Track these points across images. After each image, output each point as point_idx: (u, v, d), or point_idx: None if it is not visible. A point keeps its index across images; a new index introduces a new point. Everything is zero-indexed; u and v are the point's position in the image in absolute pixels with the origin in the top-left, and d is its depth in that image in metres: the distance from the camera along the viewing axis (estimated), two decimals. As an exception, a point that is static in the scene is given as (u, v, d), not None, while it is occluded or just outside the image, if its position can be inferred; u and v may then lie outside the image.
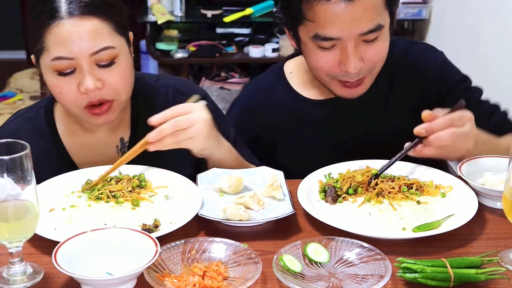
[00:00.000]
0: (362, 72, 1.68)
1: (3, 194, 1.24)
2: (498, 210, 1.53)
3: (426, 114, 1.57)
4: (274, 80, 1.92)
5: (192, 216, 1.45)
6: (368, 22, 1.61)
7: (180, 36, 4.61)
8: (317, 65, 1.70)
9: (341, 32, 1.61)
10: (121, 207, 1.53)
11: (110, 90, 1.59)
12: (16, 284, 1.28)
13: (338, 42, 1.64)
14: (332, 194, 1.56)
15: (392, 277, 1.27)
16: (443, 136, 1.55)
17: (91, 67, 1.56)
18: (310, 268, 1.31)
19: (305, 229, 1.48)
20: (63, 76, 1.57)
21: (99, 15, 1.55)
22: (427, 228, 1.43)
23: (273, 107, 1.88)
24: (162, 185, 1.61)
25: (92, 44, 1.54)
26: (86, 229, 1.38)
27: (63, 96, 1.60)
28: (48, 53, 1.55)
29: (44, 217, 1.45)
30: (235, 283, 1.26)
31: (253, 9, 4.41)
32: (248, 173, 1.64)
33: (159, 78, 1.85)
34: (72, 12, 1.53)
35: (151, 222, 1.44)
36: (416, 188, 1.58)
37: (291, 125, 1.87)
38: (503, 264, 1.34)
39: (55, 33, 1.53)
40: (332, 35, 1.62)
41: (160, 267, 1.29)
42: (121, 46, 1.59)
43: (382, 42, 1.67)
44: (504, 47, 3.14)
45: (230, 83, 4.57)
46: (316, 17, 1.61)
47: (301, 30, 1.68)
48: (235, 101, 1.99)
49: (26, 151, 1.24)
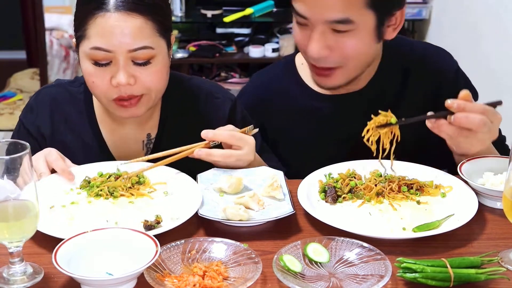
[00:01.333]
0: (329, 61, 1.68)
1: (3, 195, 1.24)
2: (498, 210, 1.53)
3: (465, 93, 1.52)
4: (284, 71, 1.90)
5: (193, 211, 1.46)
6: (337, 12, 1.61)
7: (180, 36, 4.61)
8: (296, 40, 1.73)
9: (309, 12, 1.62)
10: (121, 204, 1.53)
11: (141, 88, 1.61)
12: (16, 284, 1.28)
13: (308, 22, 1.64)
14: (332, 194, 1.56)
15: (392, 277, 1.27)
16: (471, 118, 1.50)
17: (126, 63, 1.58)
18: (310, 268, 1.31)
19: (305, 229, 1.48)
20: (98, 67, 1.59)
21: (145, 14, 1.57)
22: (427, 228, 1.43)
23: (281, 97, 1.87)
24: (160, 181, 1.62)
25: (132, 41, 1.56)
26: (87, 226, 1.40)
27: (95, 85, 1.62)
28: (89, 41, 1.57)
29: (45, 214, 1.44)
30: (235, 283, 1.26)
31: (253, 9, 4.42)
32: (248, 173, 1.64)
33: (192, 79, 1.86)
34: (119, 6, 1.55)
35: (153, 218, 1.45)
36: (416, 188, 1.58)
37: (298, 117, 1.86)
38: (503, 264, 1.34)
39: (99, 23, 1.56)
40: (302, 12, 1.64)
41: (160, 267, 1.29)
42: (160, 47, 1.61)
43: (355, 38, 1.65)
44: (504, 47, 3.14)
45: (230, 83, 4.57)
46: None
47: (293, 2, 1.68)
48: (243, 89, 1.98)
49: (26, 151, 1.24)
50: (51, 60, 4.97)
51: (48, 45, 4.87)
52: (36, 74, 5.36)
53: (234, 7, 4.47)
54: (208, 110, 1.80)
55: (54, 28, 4.84)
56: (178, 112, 1.78)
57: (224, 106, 1.81)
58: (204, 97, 1.81)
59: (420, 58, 1.85)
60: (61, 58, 4.96)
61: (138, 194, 1.57)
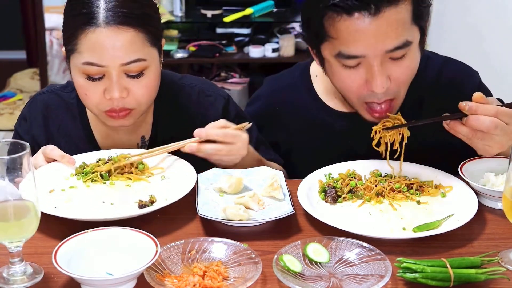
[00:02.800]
0: (389, 93, 1.58)
1: (2, 197, 1.24)
2: (498, 211, 1.53)
3: (478, 95, 1.50)
4: (298, 81, 1.86)
5: (186, 192, 1.51)
6: (394, 39, 1.52)
7: (180, 36, 4.61)
8: (343, 86, 1.61)
9: (366, 50, 1.52)
10: (118, 187, 1.58)
11: (133, 100, 1.61)
12: (16, 284, 1.28)
13: (363, 60, 1.54)
14: (332, 194, 1.56)
15: (392, 277, 1.27)
16: (482, 120, 1.48)
17: (119, 76, 1.58)
18: (310, 268, 1.31)
19: (305, 229, 1.48)
20: (91, 81, 1.59)
21: (135, 26, 1.56)
22: (427, 228, 1.43)
23: (294, 108, 1.83)
24: (159, 167, 1.66)
25: (124, 55, 1.56)
26: (84, 207, 1.48)
27: (88, 97, 1.62)
28: (80, 56, 1.57)
29: (44, 197, 1.51)
30: (235, 283, 1.26)
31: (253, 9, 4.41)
32: (248, 173, 1.64)
33: (183, 78, 1.86)
34: (109, 20, 1.54)
35: (147, 198, 1.50)
36: (416, 188, 1.58)
37: (309, 131, 1.82)
38: (503, 264, 1.34)
39: (89, 38, 1.55)
40: (356, 52, 1.53)
41: (160, 267, 1.29)
42: (152, 57, 1.61)
43: (410, 59, 1.57)
44: (504, 47, 3.14)
45: (230, 83, 4.57)
46: (339, 33, 1.53)
47: (324, 48, 1.59)
48: (256, 95, 1.94)
49: (26, 151, 1.24)
50: (51, 60, 4.97)
51: (48, 45, 4.88)
52: (36, 74, 5.36)
53: (234, 7, 4.47)
54: (200, 108, 1.79)
55: (54, 28, 4.84)
56: (171, 112, 1.78)
57: (216, 104, 1.80)
58: (196, 96, 1.80)
59: (437, 75, 1.78)
60: (61, 58, 4.95)
61: (136, 178, 1.61)
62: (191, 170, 1.61)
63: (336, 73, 1.60)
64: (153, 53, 1.61)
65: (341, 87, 1.63)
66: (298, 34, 4.48)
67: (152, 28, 1.60)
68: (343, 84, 1.61)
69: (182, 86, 1.82)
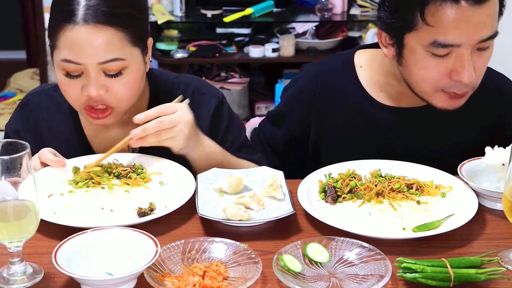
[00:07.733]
0: (471, 84, 1.59)
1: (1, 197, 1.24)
2: (498, 211, 1.53)
3: None
4: (340, 68, 1.81)
5: (186, 199, 1.50)
6: (489, 28, 1.54)
7: (180, 36, 4.60)
8: (425, 75, 1.58)
9: (463, 38, 1.52)
10: (117, 193, 1.58)
11: (112, 98, 1.60)
12: (16, 284, 1.28)
13: (454, 50, 1.54)
14: (332, 194, 1.56)
15: (392, 277, 1.27)
16: None
17: (97, 75, 1.57)
18: (310, 268, 1.31)
19: (305, 229, 1.48)
20: (70, 78, 1.59)
21: (115, 25, 1.56)
22: (427, 228, 1.43)
23: (335, 92, 1.80)
24: (157, 172, 1.66)
25: (101, 53, 1.55)
26: (83, 214, 1.47)
27: (67, 94, 1.63)
28: (59, 52, 1.58)
29: (43, 202, 1.50)
30: (235, 283, 1.26)
31: (253, 9, 4.41)
32: (248, 173, 1.64)
33: (178, 76, 1.86)
34: (87, 19, 1.54)
35: (147, 206, 1.49)
36: (416, 188, 1.58)
37: (347, 117, 1.79)
38: (503, 264, 1.34)
39: (67, 36, 1.55)
40: (453, 41, 1.53)
41: (160, 267, 1.29)
42: (132, 57, 1.60)
43: (491, 51, 1.58)
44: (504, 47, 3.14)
45: (230, 83, 4.56)
46: (439, 22, 1.52)
47: (410, 37, 1.57)
48: (295, 79, 1.90)
49: (26, 151, 1.24)
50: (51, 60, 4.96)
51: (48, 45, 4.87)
52: (36, 74, 5.36)
53: (234, 7, 4.46)
54: (194, 106, 1.78)
55: (54, 28, 4.84)
56: None
57: (209, 102, 1.80)
58: (191, 94, 1.79)
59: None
60: (61, 58, 4.96)
61: (134, 183, 1.60)
62: (189, 175, 1.61)
63: (420, 61, 1.58)
64: (134, 52, 1.60)
65: (421, 76, 1.60)
66: (298, 34, 4.47)
67: (133, 28, 1.59)
68: (426, 72, 1.58)
69: (177, 84, 1.81)
